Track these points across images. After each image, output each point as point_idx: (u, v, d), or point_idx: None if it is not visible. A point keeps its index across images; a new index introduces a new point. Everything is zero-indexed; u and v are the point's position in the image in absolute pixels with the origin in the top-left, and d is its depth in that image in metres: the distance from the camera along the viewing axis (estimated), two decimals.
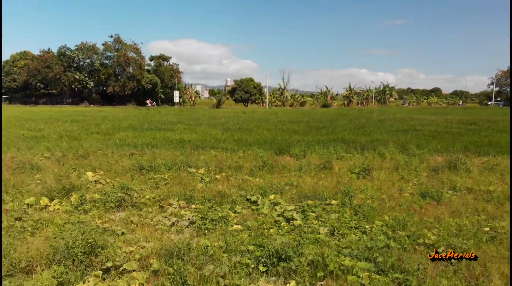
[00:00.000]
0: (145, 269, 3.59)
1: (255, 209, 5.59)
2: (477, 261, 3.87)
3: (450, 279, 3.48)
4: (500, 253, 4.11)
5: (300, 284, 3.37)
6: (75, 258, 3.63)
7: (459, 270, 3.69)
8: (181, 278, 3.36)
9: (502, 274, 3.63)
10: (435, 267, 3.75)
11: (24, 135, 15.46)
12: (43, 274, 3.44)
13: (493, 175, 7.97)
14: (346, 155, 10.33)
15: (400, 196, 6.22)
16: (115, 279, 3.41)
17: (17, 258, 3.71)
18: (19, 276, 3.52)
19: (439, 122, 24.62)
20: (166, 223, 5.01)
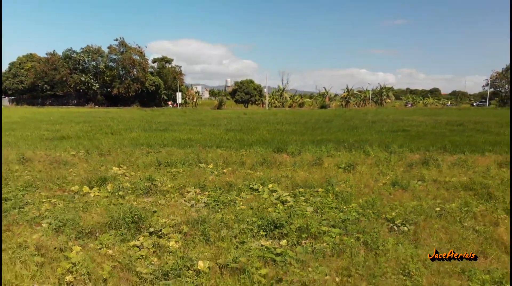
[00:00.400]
0: (177, 232, 4.89)
1: (257, 195, 6.89)
2: (422, 229, 5.17)
3: (397, 239, 4.78)
4: (441, 224, 5.40)
5: (289, 242, 4.67)
6: (126, 225, 4.93)
7: (406, 234, 4.99)
8: (205, 237, 4.66)
9: (438, 238, 4.91)
10: (387, 232, 5.05)
11: (45, 135, 16.76)
12: (104, 236, 4.74)
13: (459, 169, 9.27)
14: (336, 153, 11.64)
15: (374, 185, 7.52)
16: (157, 239, 4.71)
17: (82, 226, 5.01)
18: (85, 238, 4.81)
19: (428, 123, 25.93)
20: (187, 204, 6.30)
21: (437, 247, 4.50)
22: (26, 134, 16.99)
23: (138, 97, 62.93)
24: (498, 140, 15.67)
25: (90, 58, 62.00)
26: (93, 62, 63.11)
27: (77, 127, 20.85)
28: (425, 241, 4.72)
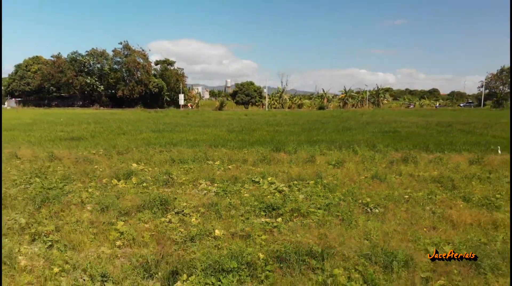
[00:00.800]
0: (196, 212, 6.15)
1: (258, 186, 8.15)
2: (390, 211, 6.42)
3: (367, 217, 6.04)
4: (406, 208, 6.66)
5: (284, 219, 5.93)
6: (156, 207, 6.21)
7: (376, 215, 6.25)
8: (218, 215, 5.93)
9: (400, 217, 6.16)
10: (362, 213, 6.32)
11: (62, 136, 18.03)
12: (140, 214, 6.01)
13: (433, 166, 10.53)
14: (328, 151, 12.91)
15: (357, 179, 8.79)
16: (182, 216, 5.97)
17: (121, 208, 6.28)
18: (125, 216, 6.07)
19: (419, 124, 27.22)
20: (200, 193, 7.57)
21: (397, 223, 5.77)
22: (45, 135, 18.26)
23: (141, 98, 64.26)
24: (479, 140, 16.94)
25: (95, 61, 63.34)
26: (98, 65, 64.45)
27: (89, 128, 22.12)
28: (389, 219, 5.99)
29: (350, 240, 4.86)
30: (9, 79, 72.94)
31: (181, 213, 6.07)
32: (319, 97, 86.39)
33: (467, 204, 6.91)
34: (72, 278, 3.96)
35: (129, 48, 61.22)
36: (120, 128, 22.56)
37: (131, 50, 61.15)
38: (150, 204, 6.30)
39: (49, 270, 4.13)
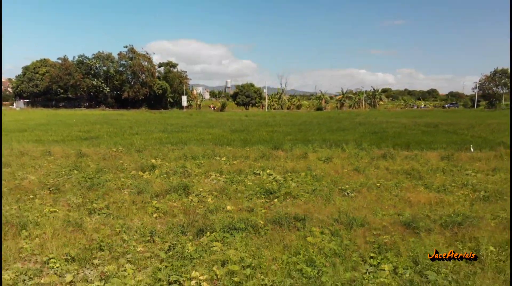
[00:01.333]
0: (211, 195, 7.80)
1: (259, 177, 9.78)
2: (362, 194, 8.06)
3: (343, 198, 7.68)
4: (376, 192, 8.29)
5: (279, 200, 7.57)
6: (180, 190, 7.85)
7: (351, 197, 7.89)
8: (228, 197, 7.58)
9: (369, 199, 7.80)
10: (340, 195, 7.97)
11: (81, 136, 19.68)
12: (168, 196, 7.66)
13: (408, 161, 12.17)
14: (320, 149, 14.55)
15: (341, 171, 10.44)
16: (200, 197, 7.62)
17: (153, 191, 7.93)
18: (157, 197, 7.70)
19: (408, 125, 28.90)
20: (212, 182, 9.21)
21: (365, 202, 7.41)
22: (65, 135, 19.90)
23: (146, 100, 65.95)
24: (458, 140, 18.59)
25: (101, 64, 65.00)
26: (104, 67, 66.09)
27: (104, 129, 23.77)
28: (360, 199, 7.64)
29: (326, 211, 6.51)
30: (18, 81, 74.53)
31: (199, 196, 7.72)
32: (317, 98, 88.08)
33: (426, 190, 8.56)
34: (131, 234, 5.61)
35: (134, 52, 62.97)
36: (131, 128, 24.22)
37: (136, 53, 62.91)
38: (175, 189, 7.95)
39: (112, 230, 5.78)
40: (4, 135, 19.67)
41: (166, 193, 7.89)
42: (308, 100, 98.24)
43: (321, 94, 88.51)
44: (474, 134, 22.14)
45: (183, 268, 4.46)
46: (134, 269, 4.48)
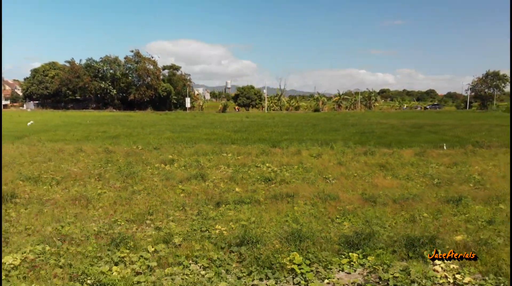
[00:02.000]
0: (222, 181, 9.84)
1: (259, 169, 11.81)
2: (340, 181, 10.09)
3: (325, 184, 9.72)
4: (352, 179, 10.31)
5: (275, 185, 9.61)
6: (199, 178, 9.90)
7: (331, 182, 9.92)
8: (235, 182, 9.63)
9: (345, 184, 9.82)
10: (323, 182, 10.00)
11: (101, 135, 21.71)
12: (189, 182, 9.70)
13: (386, 157, 14.19)
14: (312, 147, 16.59)
15: (327, 164, 12.48)
16: (215, 183, 9.66)
17: (177, 178, 9.97)
18: (180, 183, 9.73)
19: (395, 126, 30.96)
20: (222, 172, 11.25)
21: (341, 186, 9.44)
22: (86, 134, 21.94)
23: (151, 102, 68.02)
24: (435, 139, 20.61)
25: (108, 67, 67.08)
26: (111, 70, 68.16)
27: (118, 129, 25.81)
28: (337, 184, 9.67)
29: (310, 191, 8.55)
30: (28, 83, 76.49)
31: (214, 182, 9.76)
32: (314, 99, 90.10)
33: (393, 178, 10.59)
34: (168, 206, 7.64)
35: (139, 56, 65.15)
36: (144, 129, 26.26)
37: (142, 57, 65.10)
38: (194, 177, 10.00)
39: (154, 203, 7.80)
40: (35, 133, 21.72)
41: (187, 180, 9.93)
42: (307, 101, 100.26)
43: (318, 95, 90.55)
44: (454, 134, 24.19)
45: (209, 224, 6.50)
46: (176, 225, 6.52)
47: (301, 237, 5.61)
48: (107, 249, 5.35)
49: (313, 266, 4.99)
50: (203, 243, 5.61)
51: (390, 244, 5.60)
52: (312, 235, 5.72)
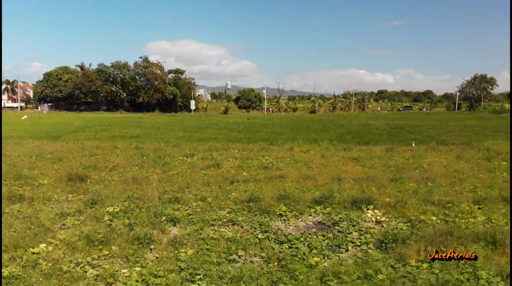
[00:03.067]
0: (233, 169, 13.01)
1: (260, 161, 14.96)
2: (318, 168, 13.24)
3: (307, 170, 12.89)
4: (329, 168, 13.46)
5: (270, 171, 12.77)
6: (215, 167, 13.09)
7: (313, 168, 13.08)
8: (242, 169, 12.80)
9: (324, 171, 12.96)
10: (307, 169, 13.17)
11: (125, 135, 24.85)
12: (208, 169, 12.88)
13: (360, 152, 17.32)
14: (303, 145, 19.74)
15: (313, 157, 15.64)
16: (227, 170, 12.83)
17: (197, 166, 13.15)
18: (202, 170, 12.89)
19: (380, 126, 34.13)
20: (231, 163, 14.41)
21: (319, 171, 12.60)
22: (112, 134, 25.08)
23: (158, 104, 71.26)
24: (409, 138, 23.75)
25: (119, 72, 70.32)
26: (120, 75, 71.39)
27: (137, 130, 28.96)
28: (317, 170, 12.83)
29: (296, 174, 11.73)
30: (42, 86, 79.58)
31: (226, 169, 12.94)
32: (311, 101, 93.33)
33: (360, 167, 13.73)
34: (198, 184, 10.80)
35: (148, 61, 68.43)
36: (159, 129, 29.43)
37: (150, 63, 68.39)
38: (212, 165, 13.17)
39: (187, 181, 10.95)
40: (67, 134, 24.89)
41: (207, 167, 13.10)
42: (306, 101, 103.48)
43: (314, 97, 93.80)
44: (427, 134, 27.34)
45: (227, 192, 9.64)
46: (206, 192, 9.67)
47: (286, 198, 8.80)
48: (167, 204, 8.52)
49: (292, 213, 8.16)
50: (226, 201, 8.79)
51: (342, 202, 8.78)
52: (294, 197, 8.90)
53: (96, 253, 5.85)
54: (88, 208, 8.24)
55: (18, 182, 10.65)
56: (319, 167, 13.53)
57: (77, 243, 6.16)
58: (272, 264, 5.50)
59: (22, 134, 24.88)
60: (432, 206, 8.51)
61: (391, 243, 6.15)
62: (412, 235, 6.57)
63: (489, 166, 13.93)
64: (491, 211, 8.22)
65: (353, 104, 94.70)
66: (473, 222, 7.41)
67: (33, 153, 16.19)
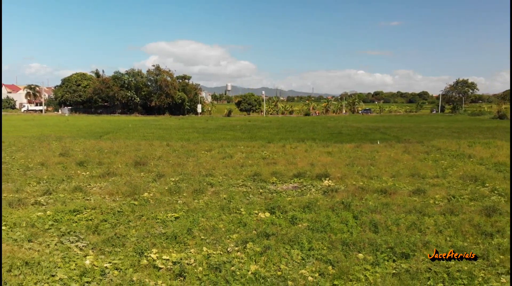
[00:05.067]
0: (241, 159, 18.06)
1: (260, 154, 19.98)
2: (298, 158, 18.28)
3: (294, 159, 17.94)
4: (308, 159, 18.49)
5: (267, 160, 17.81)
6: (229, 157, 18.15)
7: (297, 158, 18.11)
8: (248, 159, 17.86)
9: (304, 160, 17.99)
10: (291, 159, 18.23)
11: (152, 136, 29.83)
12: (224, 159, 17.93)
13: (334, 148, 22.33)
14: (293, 143, 24.76)
15: (299, 151, 20.67)
16: (238, 159, 17.87)
17: (216, 157, 18.20)
18: (220, 160, 17.93)
19: (359, 128, 39.18)
20: (239, 155, 19.45)
21: (301, 160, 17.63)
22: (142, 135, 30.06)
23: (168, 108, 76.30)
24: (379, 137, 28.80)
25: (133, 79, 75.39)
26: (134, 81, 76.45)
27: (160, 132, 33.96)
28: (300, 159, 17.87)
29: (284, 161, 16.78)
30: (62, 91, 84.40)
31: (237, 159, 17.97)
32: (305, 105, 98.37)
33: (330, 157, 18.74)
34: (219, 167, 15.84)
35: (159, 69, 73.61)
36: (177, 131, 34.48)
37: (162, 70, 73.59)
38: (226, 157, 18.22)
39: (212, 166, 15.98)
40: (105, 134, 29.91)
41: (223, 158, 18.14)
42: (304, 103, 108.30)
43: (309, 101, 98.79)
44: (395, 134, 32.37)
45: (240, 172, 14.66)
46: (226, 171, 14.70)
47: (277, 174, 13.86)
48: (204, 177, 13.55)
49: (280, 182, 13.20)
50: (239, 176, 13.84)
51: (311, 176, 13.81)
52: (281, 173, 13.96)
53: (176, 196, 10.90)
54: (158, 179, 13.28)
55: (102, 166, 15.68)
56: (301, 157, 18.58)
57: (164, 192, 11.21)
58: (266, 200, 10.54)
59: (67, 135, 29.85)
60: (363, 178, 13.57)
61: (329, 192, 11.21)
62: (342, 189, 11.65)
63: (424, 157, 18.99)
64: (398, 180, 13.28)
65: (344, 107, 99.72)
66: (382, 185, 12.47)
67: (94, 148, 21.24)
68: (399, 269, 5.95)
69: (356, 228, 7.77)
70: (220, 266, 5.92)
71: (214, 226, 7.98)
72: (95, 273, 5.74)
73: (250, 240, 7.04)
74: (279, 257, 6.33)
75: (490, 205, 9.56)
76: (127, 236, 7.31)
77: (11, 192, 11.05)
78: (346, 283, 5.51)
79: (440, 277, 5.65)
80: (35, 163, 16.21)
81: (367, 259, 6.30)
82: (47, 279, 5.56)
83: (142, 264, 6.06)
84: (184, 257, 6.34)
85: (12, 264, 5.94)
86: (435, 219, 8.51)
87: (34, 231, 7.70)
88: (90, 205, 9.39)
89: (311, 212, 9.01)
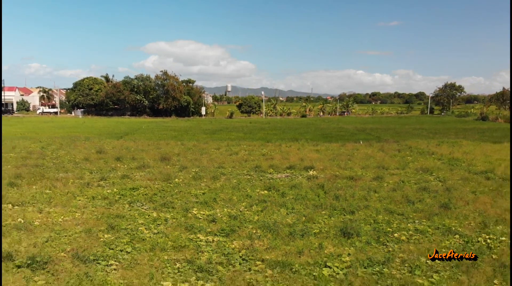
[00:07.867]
0: (246, 154, 21.60)
1: (260, 151, 23.50)
2: (292, 154, 21.82)
3: (288, 155, 21.50)
4: (299, 155, 22.02)
5: (266, 156, 21.36)
6: (234, 154, 21.71)
7: (289, 154, 21.66)
8: (250, 155, 21.40)
9: (295, 156, 21.53)
10: (284, 155, 21.79)
11: (166, 136, 33.33)
12: (231, 154, 21.49)
13: (321, 147, 25.86)
14: (287, 142, 28.30)
15: (292, 150, 24.21)
16: (243, 154, 21.41)
17: (224, 154, 21.77)
18: (229, 156, 21.47)
19: (348, 129, 42.73)
20: (243, 152, 22.98)
21: (292, 155, 21.18)
22: (158, 136, 33.57)
23: (174, 110, 79.83)
24: (363, 137, 32.33)
25: (142, 83, 78.93)
26: (143, 85, 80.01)
27: (171, 133, 37.47)
28: (292, 155, 21.42)
29: (280, 156, 20.33)
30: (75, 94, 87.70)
31: (242, 155, 21.51)
32: (302, 107, 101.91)
33: (317, 154, 22.26)
34: (229, 161, 19.38)
35: (167, 75, 77.27)
36: (187, 132, 38.04)
37: (169, 76, 77.27)
38: (232, 153, 21.77)
39: (222, 160, 19.51)
40: (124, 135, 33.44)
41: (230, 155, 21.67)
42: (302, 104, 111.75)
43: (305, 103, 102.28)
44: (378, 135, 35.90)
45: (244, 165, 18.20)
46: (234, 164, 18.23)
47: (273, 166, 17.41)
48: (217, 169, 17.09)
49: (275, 172, 16.74)
50: (244, 168, 17.38)
51: (300, 168, 17.35)
52: (277, 166, 17.52)
53: (199, 181, 14.43)
54: (182, 170, 16.81)
55: (136, 161, 19.20)
56: (294, 154, 22.12)
57: (190, 179, 14.75)
58: (265, 184, 14.07)
59: (91, 135, 33.32)
60: (340, 169, 17.12)
61: (312, 179, 14.76)
62: (322, 177, 15.21)
63: (395, 154, 22.53)
64: (366, 171, 16.82)
65: (338, 109, 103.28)
66: (352, 174, 16.00)
67: (122, 147, 24.78)
68: (345, 218, 9.53)
69: (324, 198, 11.32)
70: (236, 217, 9.48)
71: (230, 198, 11.54)
72: (162, 220, 9.31)
73: (254, 204, 10.61)
74: (272, 212, 9.90)
75: (424, 186, 13.14)
76: (174, 202, 10.87)
77: (76, 178, 14.59)
78: (311, 224, 9.08)
79: (368, 221, 9.23)
80: (80, 158, 19.73)
81: (326, 213, 9.87)
82: (134, 223, 9.12)
83: (188, 216, 9.63)
84: (213, 213, 9.91)
85: (108, 215, 9.51)
86: (380, 194, 12.08)
87: (109, 201, 11.25)
88: (142, 185, 12.94)
89: (296, 189, 12.57)
